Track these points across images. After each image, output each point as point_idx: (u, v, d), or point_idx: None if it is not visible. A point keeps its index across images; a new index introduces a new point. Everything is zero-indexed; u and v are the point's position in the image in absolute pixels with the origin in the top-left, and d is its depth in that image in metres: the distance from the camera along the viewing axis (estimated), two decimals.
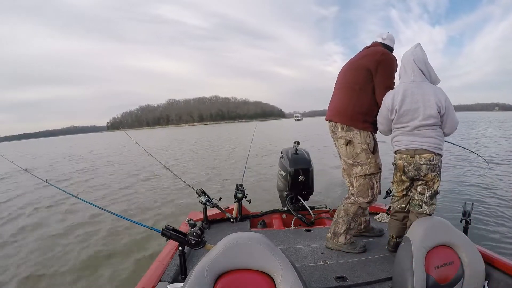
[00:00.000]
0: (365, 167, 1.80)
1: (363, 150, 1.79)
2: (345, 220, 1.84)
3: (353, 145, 1.81)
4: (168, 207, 5.41)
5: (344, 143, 1.84)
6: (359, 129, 1.79)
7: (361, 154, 1.80)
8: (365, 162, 1.80)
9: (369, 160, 1.80)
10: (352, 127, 1.80)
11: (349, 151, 1.84)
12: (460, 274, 1.27)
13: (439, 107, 1.53)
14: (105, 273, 3.08)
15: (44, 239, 4.16)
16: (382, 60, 1.73)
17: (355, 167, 1.84)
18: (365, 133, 1.80)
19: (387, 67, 1.73)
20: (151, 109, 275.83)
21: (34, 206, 6.10)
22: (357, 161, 1.82)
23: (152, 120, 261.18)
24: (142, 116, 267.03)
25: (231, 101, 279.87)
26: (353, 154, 1.82)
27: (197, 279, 0.91)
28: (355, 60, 1.86)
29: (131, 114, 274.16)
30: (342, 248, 1.84)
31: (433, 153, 1.56)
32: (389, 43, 1.88)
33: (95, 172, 10.46)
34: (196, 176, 8.18)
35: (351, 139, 1.81)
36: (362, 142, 1.79)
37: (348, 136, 1.82)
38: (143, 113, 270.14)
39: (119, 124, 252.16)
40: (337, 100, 1.92)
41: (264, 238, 1.02)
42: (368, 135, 1.81)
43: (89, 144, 31.02)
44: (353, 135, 1.80)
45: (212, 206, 2.19)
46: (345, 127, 1.82)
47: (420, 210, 1.65)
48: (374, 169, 1.81)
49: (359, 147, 1.80)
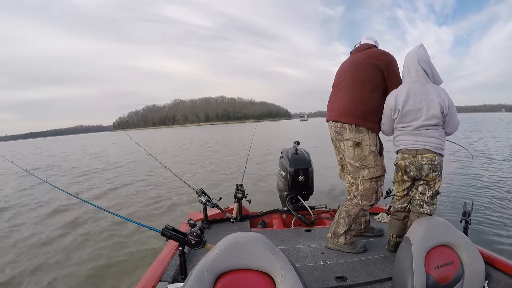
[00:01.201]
0: (372, 170, 1.77)
1: (372, 152, 1.76)
2: (346, 221, 1.83)
3: (361, 147, 1.77)
4: (168, 207, 5.41)
5: (353, 145, 1.79)
6: (368, 130, 1.76)
7: (369, 156, 1.76)
8: (373, 165, 1.76)
9: (377, 163, 1.77)
10: (361, 127, 1.76)
11: (357, 154, 1.78)
12: (460, 274, 1.27)
13: (442, 107, 1.53)
14: (105, 273, 3.09)
15: (42, 239, 4.16)
16: (392, 60, 1.76)
17: (362, 170, 1.79)
18: (373, 134, 1.78)
19: (396, 68, 1.77)
20: (157, 109, 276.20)
21: (32, 206, 6.11)
22: (364, 163, 1.77)
23: (158, 120, 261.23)
24: (149, 116, 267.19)
25: (237, 102, 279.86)
26: (361, 156, 1.77)
27: (197, 279, 0.91)
28: (362, 59, 1.80)
29: (137, 114, 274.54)
30: (342, 249, 1.83)
31: (435, 153, 1.56)
32: (376, 44, 1.92)
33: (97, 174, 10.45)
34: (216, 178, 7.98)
35: (360, 141, 1.76)
36: (371, 144, 1.76)
37: (356, 137, 1.77)
38: (149, 113, 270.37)
39: (125, 124, 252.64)
40: (344, 99, 1.84)
41: (264, 238, 1.02)
42: (376, 137, 1.79)
43: (99, 143, 30.40)
44: (362, 137, 1.76)
45: (212, 206, 2.19)
46: (354, 128, 1.76)
47: (421, 210, 1.65)
48: (381, 172, 1.79)
49: (367, 149, 1.76)
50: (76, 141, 44.89)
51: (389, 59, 1.75)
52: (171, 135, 43.34)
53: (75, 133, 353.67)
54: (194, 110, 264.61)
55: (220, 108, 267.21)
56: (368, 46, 1.87)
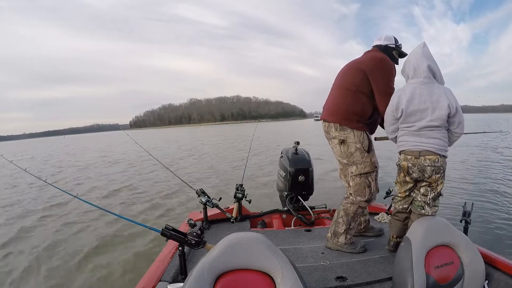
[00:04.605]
0: (360, 166, 1.81)
1: (358, 149, 1.81)
2: (345, 220, 1.85)
3: (347, 144, 1.83)
4: (168, 207, 5.41)
5: (338, 143, 1.86)
6: (353, 129, 1.81)
7: (355, 153, 1.81)
8: (360, 161, 1.81)
9: (364, 159, 1.81)
10: (345, 127, 1.82)
11: (343, 151, 1.85)
12: (460, 274, 1.27)
13: (450, 108, 1.52)
14: (104, 273, 3.08)
15: (40, 239, 4.16)
16: (378, 65, 1.76)
17: (350, 167, 1.85)
18: (358, 132, 1.81)
19: (383, 73, 1.76)
20: (173, 108, 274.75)
21: (31, 204, 6.11)
22: (351, 160, 1.83)
23: (174, 119, 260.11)
24: (165, 115, 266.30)
25: (253, 101, 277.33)
26: (348, 153, 1.84)
27: (197, 279, 0.92)
28: (354, 63, 1.88)
29: (153, 113, 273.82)
30: (342, 248, 1.84)
31: (438, 155, 1.55)
32: (388, 42, 1.91)
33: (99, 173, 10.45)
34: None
35: (344, 139, 1.83)
36: (356, 141, 1.81)
37: (341, 135, 1.83)
38: (165, 112, 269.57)
39: (141, 123, 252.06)
40: (332, 100, 1.94)
41: (264, 238, 1.02)
42: (362, 134, 1.82)
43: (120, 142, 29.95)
44: (347, 135, 1.82)
45: (212, 206, 2.19)
46: (339, 127, 1.83)
47: (423, 211, 1.64)
48: (370, 167, 1.82)
49: (353, 146, 1.81)
50: (101, 139, 44.65)
51: (373, 64, 1.77)
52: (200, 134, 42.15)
53: (91, 131, 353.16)
54: (210, 109, 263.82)
55: (235, 107, 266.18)
56: (372, 50, 1.92)
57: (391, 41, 1.92)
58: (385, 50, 1.89)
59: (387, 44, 1.91)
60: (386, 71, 1.76)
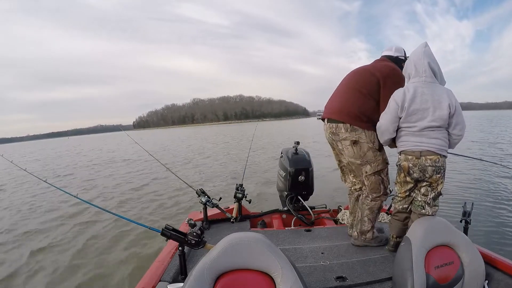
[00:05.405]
0: (374, 165, 1.83)
1: (370, 148, 1.82)
2: (371, 218, 1.91)
3: (359, 144, 1.83)
4: (168, 207, 5.41)
5: (350, 144, 1.84)
6: (364, 129, 1.81)
7: (368, 152, 1.82)
8: (373, 160, 1.83)
9: (377, 158, 1.83)
10: (356, 127, 1.81)
11: (356, 151, 1.84)
12: (460, 274, 1.27)
13: (451, 108, 1.52)
14: (104, 273, 3.08)
15: (40, 239, 4.16)
16: (391, 74, 1.79)
17: (364, 166, 1.86)
18: (369, 132, 1.82)
19: (395, 83, 1.77)
20: (176, 108, 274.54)
21: (30, 204, 6.11)
22: (365, 160, 1.84)
23: (177, 119, 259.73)
24: (168, 115, 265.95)
25: (255, 100, 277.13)
26: (361, 153, 1.84)
27: (197, 279, 0.92)
28: (367, 68, 1.90)
29: (156, 113, 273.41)
30: (371, 244, 1.91)
31: (439, 155, 1.55)
32: (399, 54, 1.96)
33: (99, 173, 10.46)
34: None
35: (357, 139, 1.82)
36: (368, 141, 1.82)
37: (353, 136, 1.82)
38: (168, 112, 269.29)
39: (145, 123, 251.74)
40: (340, 101, 1.91)
41: (264, 238, 1.02)
42: (373, 134, 1.83)
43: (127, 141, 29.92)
44: (359, 135, 1.81)
45: (212, 206, 2.19)
46: (349, 127, 1.82)
47: (423, 211, 1.64)
48: (383, 165, 1.86)
49: (365, 146, 1.82)
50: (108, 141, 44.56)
51: (387, 72, 1.79)
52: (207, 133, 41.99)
53: (95, 132, 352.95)
54: (213, 109, 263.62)
55: (238, 107, 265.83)
56: (382, 59, 1.95)
57: (401, 53, 1.97)
58: (396, 61, 1.92)
59: (398, 56, 1.94)
60: (397, 81, 1.78)
